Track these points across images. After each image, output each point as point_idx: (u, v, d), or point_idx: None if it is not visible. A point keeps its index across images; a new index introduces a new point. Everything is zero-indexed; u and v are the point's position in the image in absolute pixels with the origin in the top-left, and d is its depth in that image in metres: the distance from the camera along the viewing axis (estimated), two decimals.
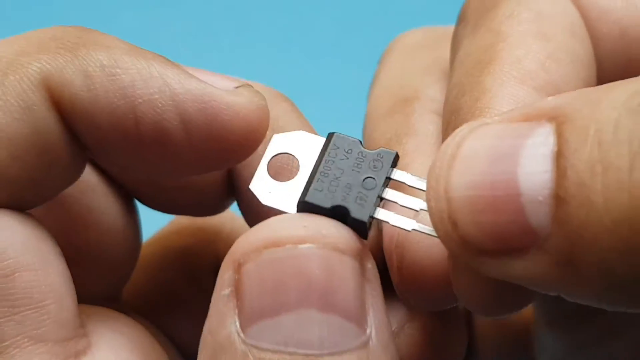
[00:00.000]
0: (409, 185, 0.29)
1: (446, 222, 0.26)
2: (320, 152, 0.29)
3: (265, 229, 0.28)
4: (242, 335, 0.27)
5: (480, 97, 0.31)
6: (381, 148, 0.29)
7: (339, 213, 0.29)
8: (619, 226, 0.24)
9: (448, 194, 0.26)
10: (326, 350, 0.27)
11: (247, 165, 0.35)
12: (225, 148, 0.30)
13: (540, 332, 0.41)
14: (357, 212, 0.28)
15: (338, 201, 0.29)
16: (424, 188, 0.28)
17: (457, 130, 0.27)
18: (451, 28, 0.36)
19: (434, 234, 0.28)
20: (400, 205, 0.29)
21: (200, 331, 0.41)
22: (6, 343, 0.28)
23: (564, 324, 0.39)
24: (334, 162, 0.29)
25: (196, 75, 0.30)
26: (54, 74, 0.29)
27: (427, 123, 0.35)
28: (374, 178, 0.29)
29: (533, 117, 0.26)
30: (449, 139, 0.27)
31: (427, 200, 0.27)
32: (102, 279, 0.32)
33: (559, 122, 0.25)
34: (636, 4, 0.33)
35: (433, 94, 0.36)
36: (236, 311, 0.27)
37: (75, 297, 0.30)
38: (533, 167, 0.25)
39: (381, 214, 0.29)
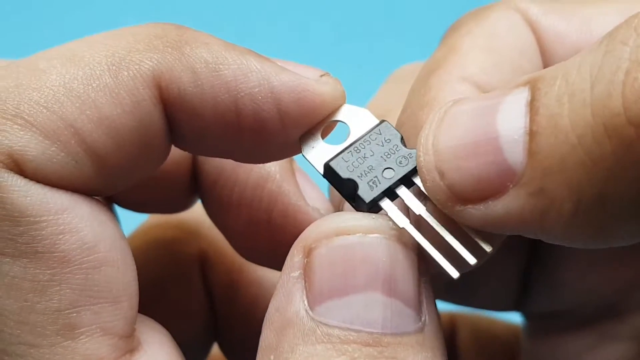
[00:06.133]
0: (422, 191, 0.31)
1: (433, 173, 0.29)
2: (366, 132, 0.32)
3: (337, 218, 0.30)
4: (310, 312, 0.29)
5: (425, 93, 0.34)
6: (415, 150, 0.32)
7: (349, 186, 0.31)
8: (584, 139, 0.27)
9: (435, 147, 0.29)
10: (388, 331, 0.29)
11: (209, 164, 0.38)
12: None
13: (527, 349, 0.43)
14: (364, 192, 0.31)
15: (354, 176, 0.31)
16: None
17: (444, 103, 0.30)
18: None
19: (420, 240, 0.30)
20: (405, 204, 0.31)
21: (184, 322, 0.42)
22: (81, 330, 0.30)
23: (551, 334, 0.42)
24: (370, 143, 0.32)
25: (287, 67, 0.32)
26: (164, 72, 0.31)
27: None
28: (394, 170, 0.31)
29: (510, 89, 0.29)
30: (436, 110, 0.30)
31: (417, 157, 0.30)
32: None
33: (532, 82, 0.29)
34: (591, 29, 0.36)
35: None
36: (304, 291, 0.29)
37: (138, 299, 0.31)
38: (510, 114, 0.28)
39: (384, 203, 0.31)
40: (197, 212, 0.41)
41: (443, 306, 0.45)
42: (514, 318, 0.45)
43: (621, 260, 0.39)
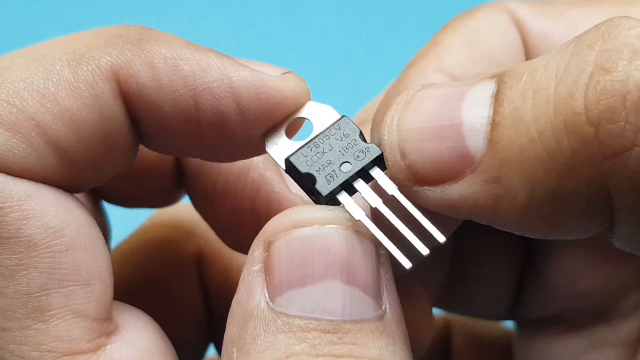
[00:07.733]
0: (379, 183, 0.31)
1: (396, 152, 0.30)
2: (326, 127, 0.32)
3: (294, 212, 0.31)
4: (270, 304, 0.30)
5: (402, 83, 0.35)
6: (373, 144, 0.32)
7: (308, 180, 0.32)
8: (543, 134, 0.28)
9: (400, 128, 0.30)
10: (348, 318, 0.29)
11: (195, 160, 0.38)
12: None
13: (519, 355, 0.43)
14: (321, 185, 0.31)
15: (312, 170, 0.32)
16: (389, 191, 0.31)
17: (413, 87, 0.31)
18: None
19: (375, 232, 0.30)
20: (362, 197, 0.31)
21: (180, 322, 0.43)
22: (52, 312, 0.30)
23: (543, 340, 0.42)
24: (329, 138, 0.32)
25: (248, 64, 0.32)
26: (122, 66, 0.31)
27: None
28: (351, 164, 0.32)
29: (478, 80, 0.30)
30: (405, 92, 0.31)
31: (381, 136, 0.30)
32: None
33: (499, 76, 0.29)
34: (576, 31, 0.36)
35: None
36: (265, 284, 0.30)
37: (113, 284, 0.32)
38: (475, 103, 0.29)
39: (342, 196, 0.31)
40: (194, 212, 0.41)
41: (438, 312, 0.45)
42: (509, 323, 0.46)
43: (612, 266, 0.39)
